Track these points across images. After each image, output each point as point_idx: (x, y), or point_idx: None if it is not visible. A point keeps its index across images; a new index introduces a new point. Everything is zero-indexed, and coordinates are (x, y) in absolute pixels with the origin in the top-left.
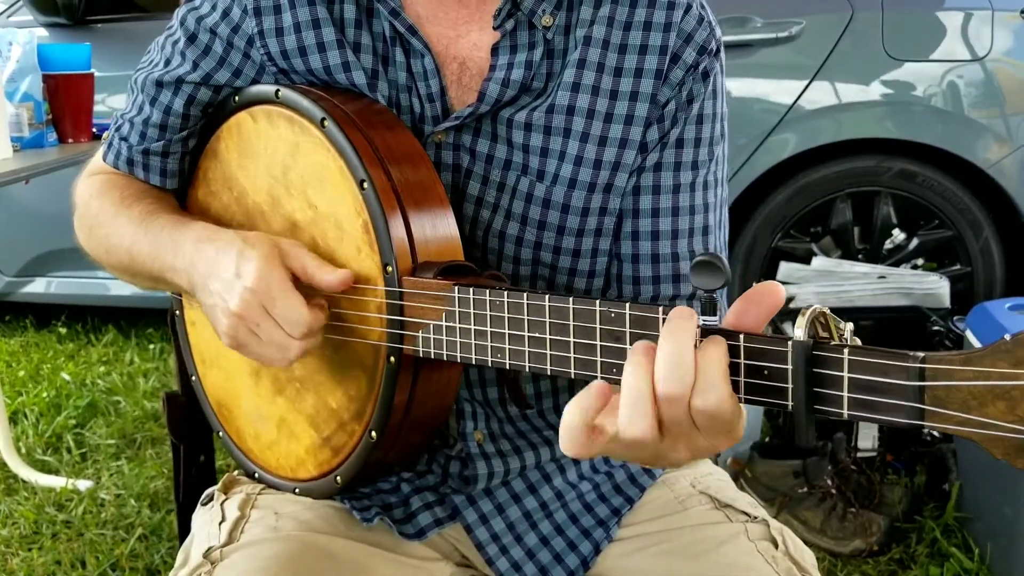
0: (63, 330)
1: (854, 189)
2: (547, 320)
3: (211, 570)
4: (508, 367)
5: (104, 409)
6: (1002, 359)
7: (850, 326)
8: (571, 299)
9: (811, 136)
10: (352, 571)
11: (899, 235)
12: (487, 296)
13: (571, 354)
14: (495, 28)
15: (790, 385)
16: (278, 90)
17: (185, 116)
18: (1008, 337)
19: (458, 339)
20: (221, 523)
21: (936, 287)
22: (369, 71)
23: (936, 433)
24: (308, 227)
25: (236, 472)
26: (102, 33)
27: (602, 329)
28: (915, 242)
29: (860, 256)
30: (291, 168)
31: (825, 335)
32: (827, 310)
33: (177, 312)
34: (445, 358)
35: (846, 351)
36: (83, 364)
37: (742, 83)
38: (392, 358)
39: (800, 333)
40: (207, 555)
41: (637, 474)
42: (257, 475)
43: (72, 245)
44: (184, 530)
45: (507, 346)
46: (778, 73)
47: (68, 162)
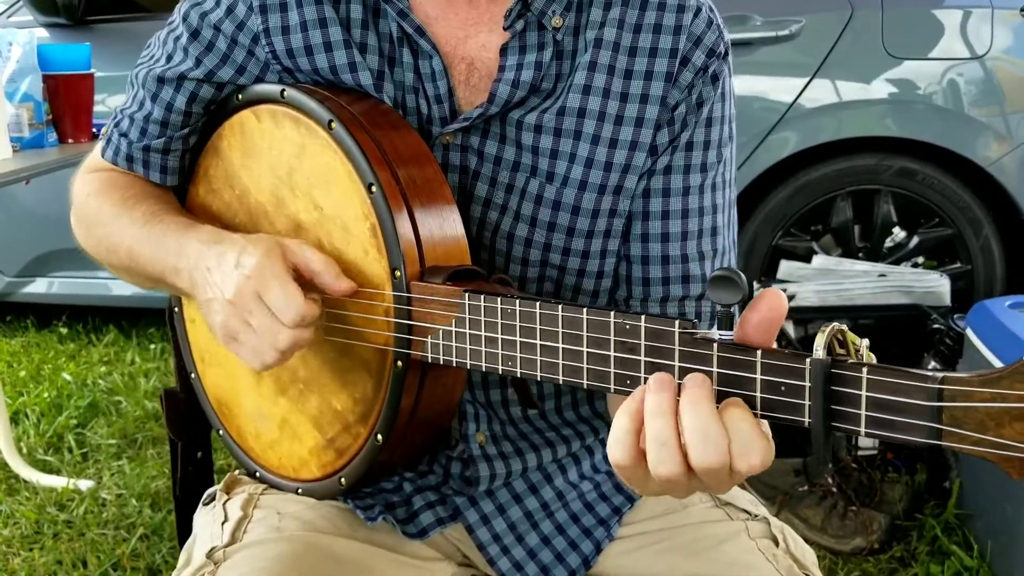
0: (64, 330)
1: (854, 187)
2: (560, 330)
3: (214, 570)
4: (519, 375)
5: (105, 409)
6: (1020, 380)
7: (866, 342)
8: (585, 309)
9: (811, 134)
10: (355, 571)
11: (899, 233)
12: (498, 304)
13: (584, 364)
14: (505, 28)
15: (807, 402)
16: (283, 90)
17: (187, 113)
18: None
19: (468, 346)
20: (224, 523)
21: (936, 285)
22: (375, 72)
23: None
24: (313, 228)
25: (238, 472)
26: (102, 33)
27: (616, 341)
28: (915, 240)
29: (860, 254)
30: (297, 169)
31: (842, 352)
32: (845, 327)
33: (176, 309)
34: (455, 364)
35: (864, 369)
36: (84, 364)
37: (742, 81)
38: (399, 362)
39: (819, 351)
40: (210, 555)
41: None
42: (258, 474)
43: (73, 245)
44: (182, 526)
45: (518, 354)
46: (778, 71)
47: (68, 162)
